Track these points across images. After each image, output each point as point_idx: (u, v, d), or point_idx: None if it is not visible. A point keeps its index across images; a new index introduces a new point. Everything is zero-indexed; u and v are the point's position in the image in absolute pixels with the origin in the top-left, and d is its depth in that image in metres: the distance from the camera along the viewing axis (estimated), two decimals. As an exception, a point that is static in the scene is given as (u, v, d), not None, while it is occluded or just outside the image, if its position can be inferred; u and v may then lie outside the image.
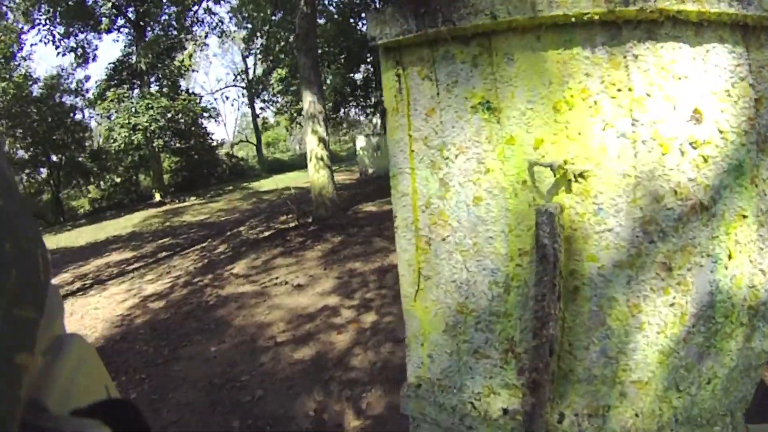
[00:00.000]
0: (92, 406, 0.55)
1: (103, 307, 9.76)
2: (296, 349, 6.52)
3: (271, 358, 6.37)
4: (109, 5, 29.00)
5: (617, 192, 1.55)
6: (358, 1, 27.98)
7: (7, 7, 27.46)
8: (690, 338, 1.60)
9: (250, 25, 34.15)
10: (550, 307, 1.57)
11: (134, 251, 16.51)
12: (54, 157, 32.59)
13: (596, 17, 1.45)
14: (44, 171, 33.35)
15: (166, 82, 33.85)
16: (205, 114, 36.20)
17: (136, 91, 32.08)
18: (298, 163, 41.48)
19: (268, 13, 29.52)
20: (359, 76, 33.33)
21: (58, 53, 35.55)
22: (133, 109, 29.20)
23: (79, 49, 31.12)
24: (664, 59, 1.46)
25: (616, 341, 1.63)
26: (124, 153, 31.30)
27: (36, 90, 31.00)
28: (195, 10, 31.92)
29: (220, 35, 35.18)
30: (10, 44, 27.35)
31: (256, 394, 5.51)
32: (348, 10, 28.44)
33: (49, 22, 28.55)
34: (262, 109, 42.37)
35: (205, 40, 34.61)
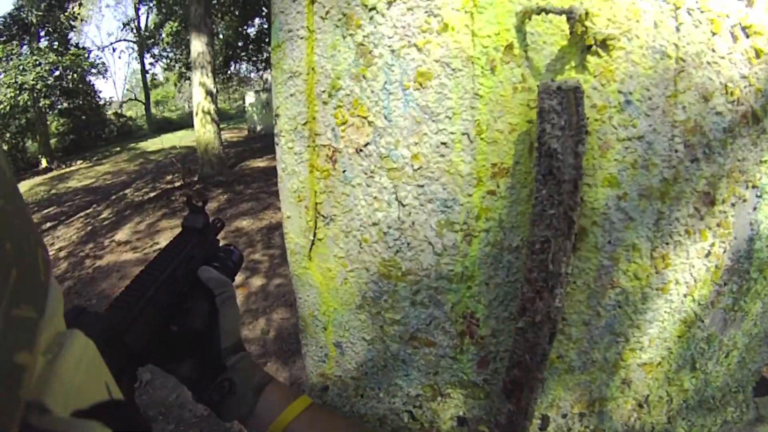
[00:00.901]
0: (93, 407, 0.55)
1: None
2: None
3: None
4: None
5: (653, 78, 1.10)
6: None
7: None
8: (718, 301, 1.29)
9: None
10: (558, 261, 1.07)
11: (17, 224, 16.12)
12: (-62, 125, 31.42)
13: None
14: (-75, 140, 31.95)
15: (55, 36, 32.85)
16: (94, 70, 35.51)
17: (25, 47, 31.08)
18: (186, 122, 41.06)
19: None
20: (252, 30, 32.86)
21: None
22: (21, 67, 28.71)
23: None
24: None
25: (630, 310, 1.22)
26: (10, 117, 30.25)
27: None
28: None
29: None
30: None
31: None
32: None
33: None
34: (152, 64, 42.91)
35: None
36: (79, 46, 35.78)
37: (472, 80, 1.14)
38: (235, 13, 29.36)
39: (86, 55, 34.70)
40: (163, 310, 1.07)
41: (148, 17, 43.89)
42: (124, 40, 53.25)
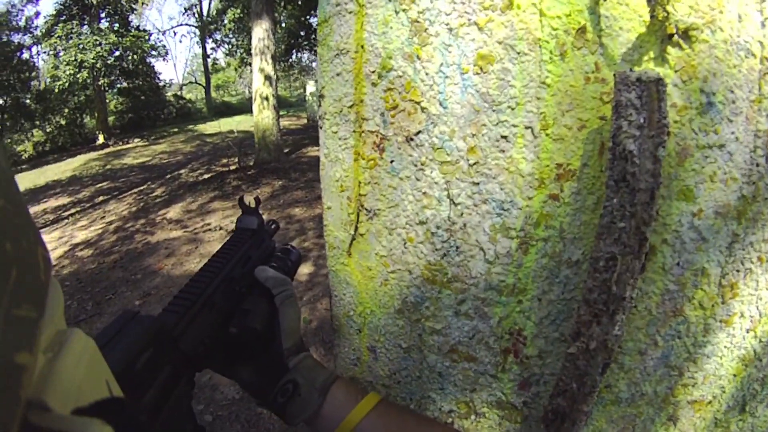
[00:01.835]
0: (94, 405, 0.55)
1: None
2: None
3: None
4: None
5: (737, 79, 0.98)
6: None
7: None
8: (779, 339, 1.18)
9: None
10: (623, 282, 0.96)
11: (71, 197, 16.44)
12: (-1, 100, 32.45)
13: None
14: (-13, 115, 33.16)
15: (116, 17, 33.56)
16: (154, 52, 36.30)
17: (86, 27, 31.83)
18: (245, 107, 42.02)
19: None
20: (315, 20, 32.72)
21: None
22: (81, 46, 29.02)
23: (30, -16, 31.23)
24: None
25: (689, 342, 1.11)
26: (69, 93, 31.21)
27: (-19, 29, 31.03)
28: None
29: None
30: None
31: None
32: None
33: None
34: (213, 49, 44.31)
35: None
36: (140, 28, 36.73)
37: (539, 66, 1.03)
38: (298, 3, 29.65)
39: (147, 38, 35.55)
40: (221, 312, 1.07)
41: (210, 2, 44.86)
42: (186, 25, 54.54)
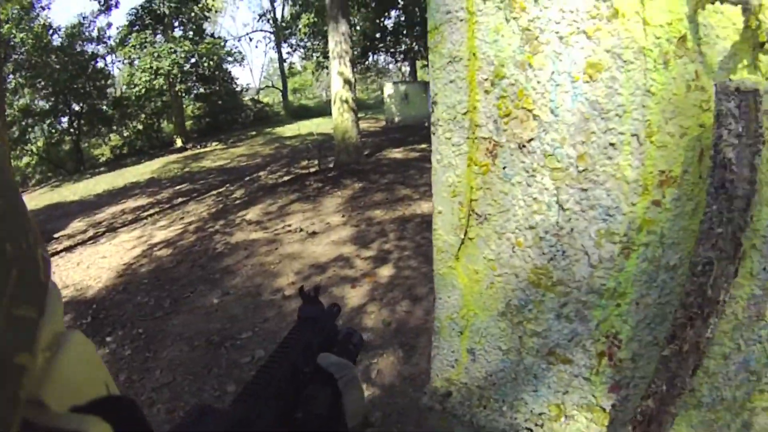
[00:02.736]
0: (92, 403, 0.55)
1: (111, 256, 9.85)
2: None
3: (275, 313, 6.20)
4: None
5: None
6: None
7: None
8: None
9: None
10: (718, 287, 0.99)
11: (150, 197, 16.72)
12: (75, 106, 33.09)
13: None
14: (65, 120, 33.82)
15: (190, 26, 34.45)
16: (230, 58, 36.96)
17: (159, 36, 32.69)
18: (323, 110, 41.72)
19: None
20: (390, 22, 32.92)
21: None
22: (156, 54, 29.71)
23: (101, -4, 31.83)
24: None
25: None
26: (145, 99, 31.97)
27: (57, 39, 31.56)
28: (221, -50, 32.56)
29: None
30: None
31: (256, 354, 5.39)
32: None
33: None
34: (289, 53, 43.75)
35: (232, -19, 35.92)
36: (215, 35, 37.27)
37: (644, 75, 1.06)
38: (371, 5, 29.77)
39: (222, 44, 36.06)
40: (287, 399, 1.11)
41: (284, 8, 44.72)
42: (261, 30, 54.89)
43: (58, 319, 0.58)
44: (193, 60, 31.54)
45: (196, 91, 35.24)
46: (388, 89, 29.68)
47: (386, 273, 7.00)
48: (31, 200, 20.15)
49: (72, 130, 33.00)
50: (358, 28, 31.37)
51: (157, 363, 5.47)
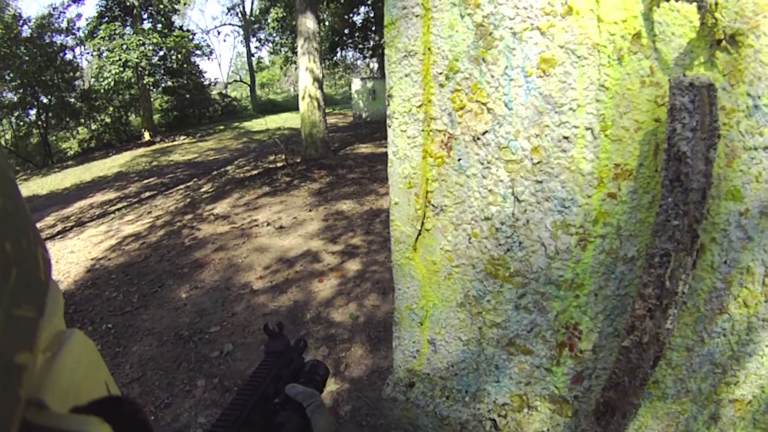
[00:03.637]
0: (92, 403, 0.53)
1: (79, 251, 9.79)
2: (272, 299, 6.35)
3: (244, 307, 6.21)
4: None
5: None
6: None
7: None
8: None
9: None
10: (676, 278, 1.00)
11: (118, 192, 16.58)
12: (44, 99, 32.50)
13: None
14: (33, 113, 33.28)
15: (159, 18, 34.17)
16: (198, 52, 36.82)
17: (128, 28, 32.10)
18: (291, 105, 42.67)
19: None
20: (358, 18, 32.96)
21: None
22: (125, 46, 29.42)
23: (71, -14, 31.43)
24: None
25: (734, 340, 1.16)
26: (114, 92, 31.92)
27: (26, 30, 30.97)
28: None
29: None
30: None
31: (225, 348, 5.46)
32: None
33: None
34: (257, 48, 44.20)
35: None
36: (183, 28, 36.91)
37: (598, 70, 1.08)
38: (340, 1, 29.70)
39: (191, 37, 35.82)
40: (259, 428, 1.15)
41: (253, 2, 44.71)
42: (229, 24, 54.47)
43: (59, 318, 0.60)
44: (162, 53, 31.51)
45: (164, 85, 34.94)
46: (356, 85, 29.77)
47: (354, 267, 7.06)
48: None
49: (40, 123, 32.63)
50: (327, 23, 31.45)
51: (127, 358, 5.49)
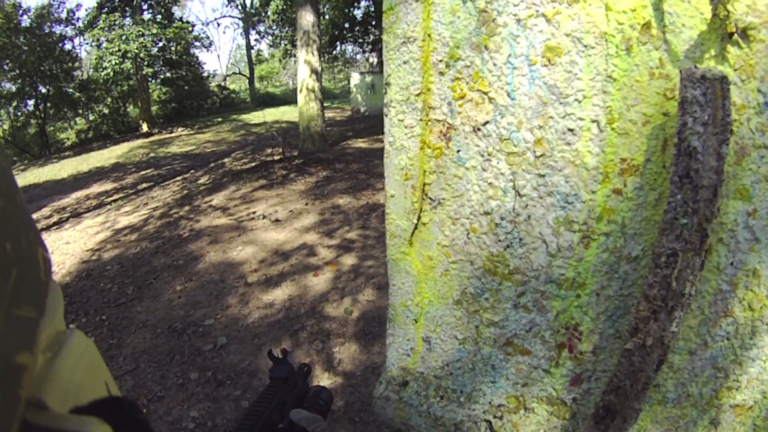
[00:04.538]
0: (92, 404, 0.54)
1: (75, 242, 9.83)
2: (267, 292, 6.37)
3: (238, 300, 6.23)
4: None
5: None
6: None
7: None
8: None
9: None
10: (683, 279, 0.95)
11: (115, 183, 16.64)
12: (42, 89, 32.73)
13: None
14: (31, 103, 33.60)
15: (159, 9, 34.25)
16: (197, 43, 37.20)
17: (128, 18, 32.10)
18: (289, 98, 42.76)
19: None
20: (359, 12, 33.05)
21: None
22: (124, 37, 29.40)
23: (71, -23, 31.67)
24: None
25: (737, 344, 1.13)
26: (113, 82, 32.00)
27: (26, 20, 31.13)
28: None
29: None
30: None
31: (219, 342, 5.48)
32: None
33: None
34: (257, 40, 43.71)
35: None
36: (183, 20, 37.00)
37: (605, 60, 1.03)
38: (341, -6, 29.54)
39: (190, 29, 35.90)
40: None
41: (253, -6, 44.51)
42: (229, 16, 54.59)
43: (59, 318, 0.60)
44: (161, 44, 31.32)
45: (162, 76, 34.91)
46: (355, 79, 29.87)
47: (349, 261, 7.09)
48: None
49: (38, 114, 32.61)
50: (327, 16, 31.44)
51: (121, 350, 5.49)
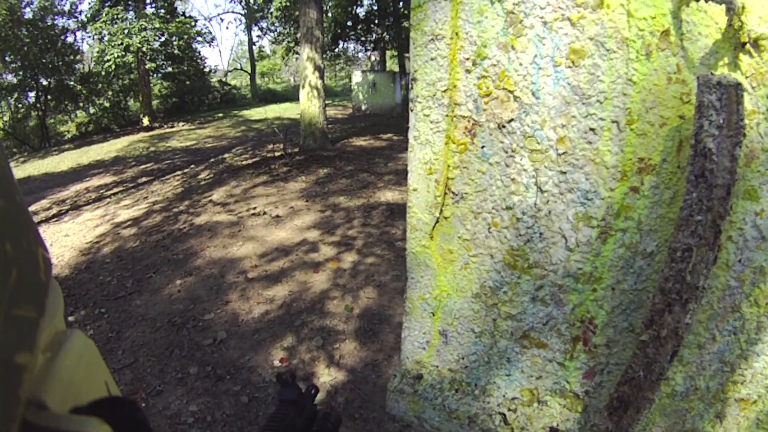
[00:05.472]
0: (92, 404, 0.54)
1: (74, 234, 9.78)
2: (267, 287, 6.34)
3: (239, 295, 6.20)
4: None
5: None
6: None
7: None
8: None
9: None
10: (697, 273, 0.99)
11: (115, 176, 16.59)
12: (43, 81, 32.67)
13: None
14: (32, 95, 33.60)
15: (162, 3, 33.65)
16: (200, 38, 36.90)
17: (131, 12, 31.75)
18: (291, 95, 42.79)
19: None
20: (362, 10, 33.02)
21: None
22: (126, 30, 29.27)
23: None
24: None
25: (743, 339, 1.16)
26: (114, 76, 32.11)
27: (28, 12, 31.07)
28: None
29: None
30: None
31: (218, 336, 5.44)
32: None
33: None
34: (259, 36, 44.08)
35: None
36: (186, 14, 36.62)
37: (626, 64, 1.07)
38: (344, -8, 29.44)
39: (193, 24, 35.60)
40: None
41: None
42: (232, 12, 54.28)
43: (59, 318, 0.60)
44: (163, 38, 31.13)
45: (164, 70, 34.84)
46: (356, 77, 29.81)
47: (350, 259, 7.07)
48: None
49: (38, 106, 32.55)
50: (330, 14, 31.32)
51: (120, 344, 5.46)
